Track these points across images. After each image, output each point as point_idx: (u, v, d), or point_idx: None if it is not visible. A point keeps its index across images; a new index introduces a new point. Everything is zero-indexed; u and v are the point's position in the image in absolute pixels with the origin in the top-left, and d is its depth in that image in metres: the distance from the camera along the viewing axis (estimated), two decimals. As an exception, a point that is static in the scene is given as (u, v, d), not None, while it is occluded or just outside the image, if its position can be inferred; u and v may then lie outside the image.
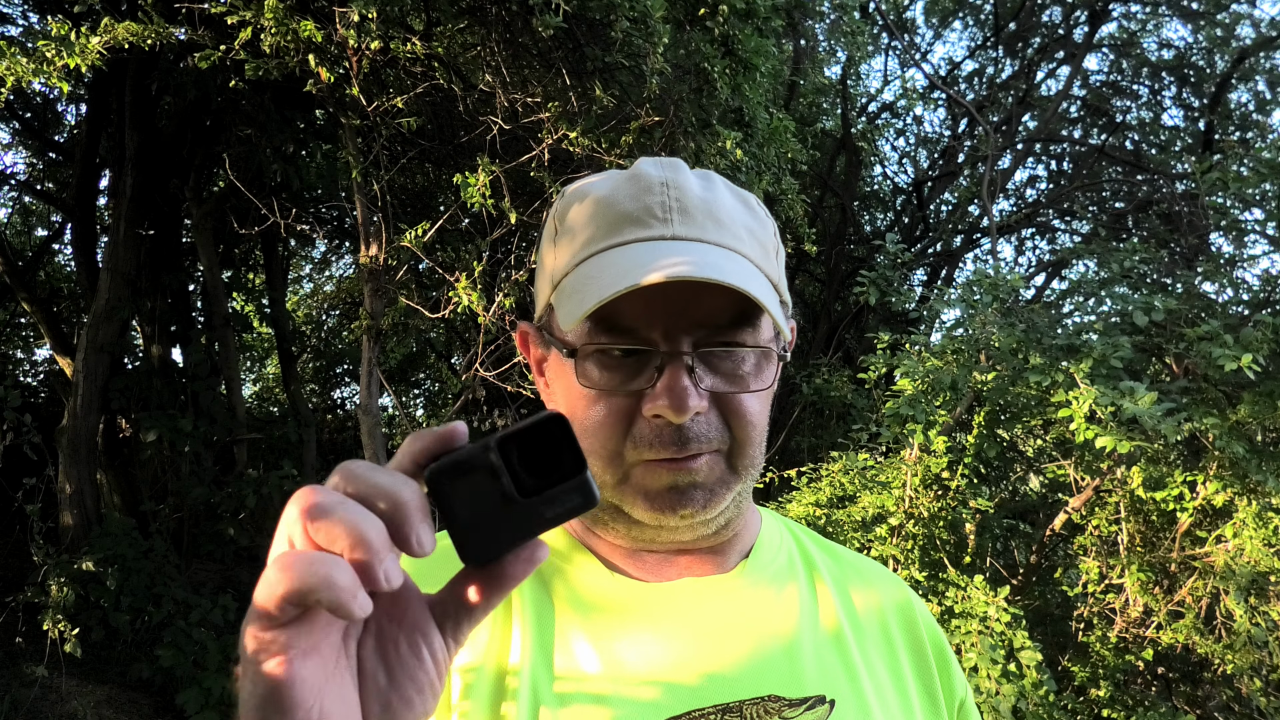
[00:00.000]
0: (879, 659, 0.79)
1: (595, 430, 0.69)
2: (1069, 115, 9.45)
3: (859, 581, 0.85)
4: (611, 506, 0.73)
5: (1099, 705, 3.68)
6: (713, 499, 0.70)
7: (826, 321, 8.78)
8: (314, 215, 6.37)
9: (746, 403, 0.71)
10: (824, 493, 3.97)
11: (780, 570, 0.80)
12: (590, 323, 0.68)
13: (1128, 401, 3.05)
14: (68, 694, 4.72)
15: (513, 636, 0.69)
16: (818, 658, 0.75)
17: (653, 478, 0.69)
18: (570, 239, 0.73)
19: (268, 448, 7.70)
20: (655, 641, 0.71)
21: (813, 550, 0.86)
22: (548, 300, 0.74)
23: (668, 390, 0.66)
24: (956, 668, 0.84)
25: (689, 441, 0.68)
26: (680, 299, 0.67)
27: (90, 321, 5.81)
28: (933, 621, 0.86)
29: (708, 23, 3.93)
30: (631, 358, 0.68)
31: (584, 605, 0.72)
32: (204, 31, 3.58)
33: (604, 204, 0.73)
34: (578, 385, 0.70)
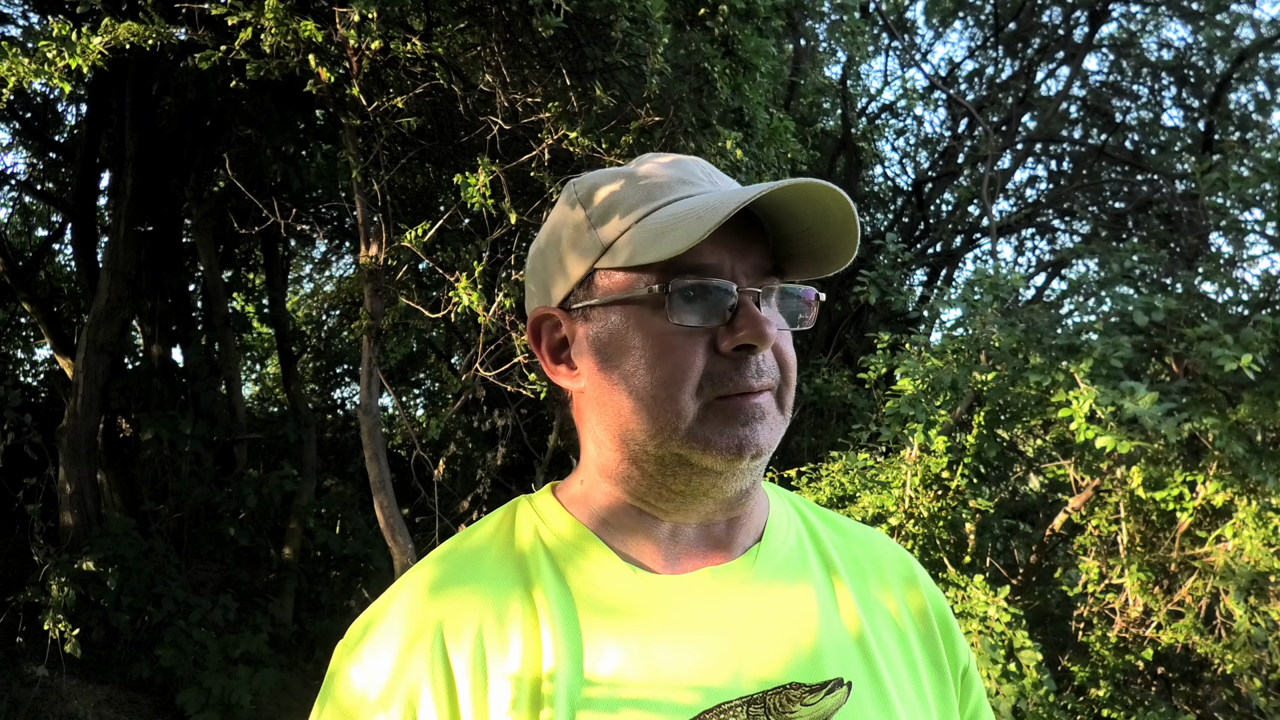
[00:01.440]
0: (889, 634, 0.81)
1: (672, 374, 0.71)
2: (1069, 115, 9.45)
3: (865, 555, 0.86)
4: (675, 460, 0.73)
5: (1099, 705, 3.68)
6: (772, 437, 0.73)
7: (826, 321, 8.77)
8: (314, 215, 6.37)
9: (788, 344, 0.76)
10: (824, 493, 3.97)
11: (791, 552, 0.82)
12: (660, 271, 0.71)
13: (1128, 401, 3.05)
14: (68, 694, 4.72)
15: (543, 641, 0.70)
16: (833, 641, 0.76)
17: (723, 415, 0.71)
18: (620, 206, 0.75)
19: (268, 448, 7.70)
20: (679, 638, 0.72)
21: (818, 526, 0.87)
22: (588, 268, 0.75)
23: (751, 320, 0.70)
24: (959, 635, 0.86)
25: (763, 374, 0.72)
26: (738, 244, 0.73)
27: (90, 321, 5.81)
28: (935, 589, 0.88)
29: (708, 23, 3.94)
30: (703, 300, 0.71)
31: (605, 604, 0.73)
32: (204, 32, 3.58)
33: (642, 175, 0.77)
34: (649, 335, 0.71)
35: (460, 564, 0.76)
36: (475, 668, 0.69)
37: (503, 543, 0.78)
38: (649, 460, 0.74)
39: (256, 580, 6.71)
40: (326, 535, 6.56)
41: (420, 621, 0.71)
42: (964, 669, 0.85)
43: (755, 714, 0.70)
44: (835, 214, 0.72)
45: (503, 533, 0.79)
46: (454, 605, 0.72)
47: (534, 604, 0.72)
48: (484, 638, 0.70)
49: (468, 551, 0.77)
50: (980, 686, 0.88)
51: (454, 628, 0.70)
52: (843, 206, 0.71)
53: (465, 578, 0.74)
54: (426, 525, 5.57)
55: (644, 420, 0.72)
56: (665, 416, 0.71)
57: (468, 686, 0.68)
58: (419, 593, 0.74)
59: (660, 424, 0.71)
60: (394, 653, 0.70)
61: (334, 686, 0.72)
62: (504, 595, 0.73)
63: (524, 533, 0.78)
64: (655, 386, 0.71)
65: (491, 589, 0.73)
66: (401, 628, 0.71)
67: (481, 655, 0.69)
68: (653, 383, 0.71)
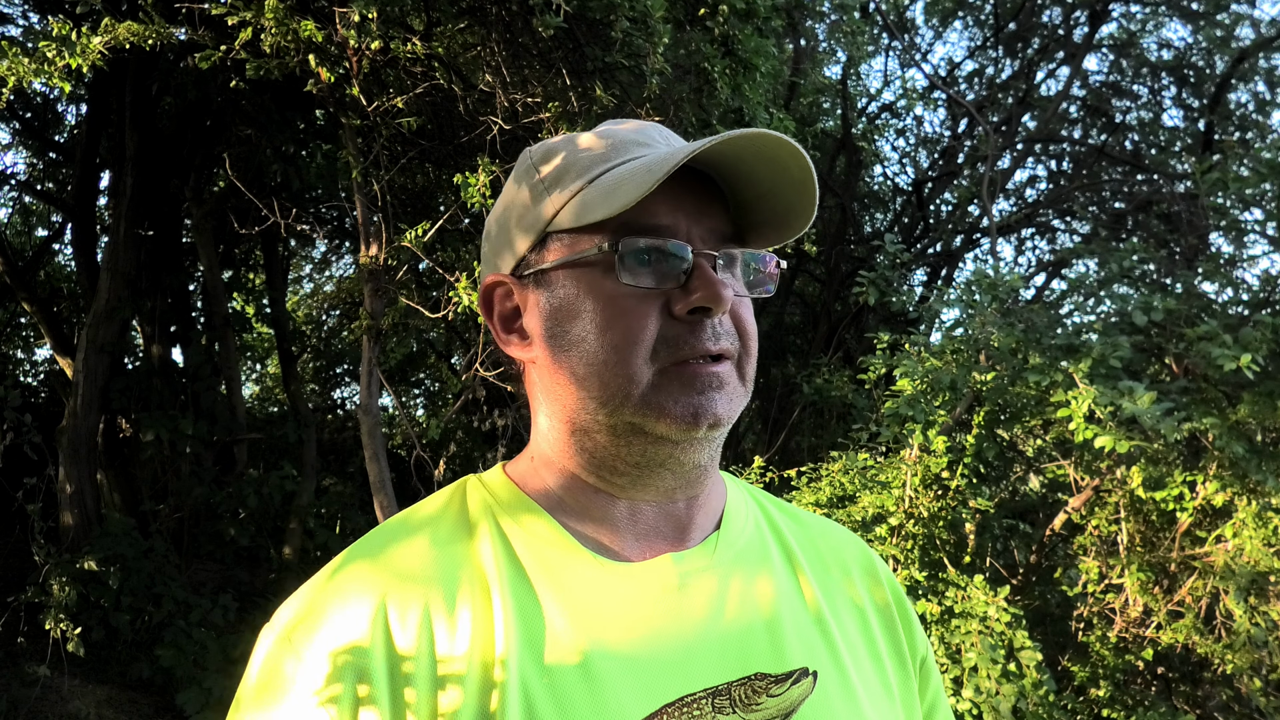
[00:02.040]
0: (852, 623, 0.80)
1: (624, 338, 0.69)
2: (1069, 115, 9.45)
3: (825, 545, 0.85)
4: (628, 429, 0.71)
5: (1099, 705, 3.68)
6: (731, 406, 0.71)
7: (826, 321, 8.78)
8: (314, 215, 6.37)
9: (748, 312, 0.74)
10: (824, 493, 3.97)
11: (751, 541, 0.80)
12: (613, 231, 0.69)
13: (1127, 401, 3.05)
14: (69, 694, 4.72)
15: (495, 624, 0.66)
16: (798, 630, 0.75)
17: (678, 381, 0.69)
18: (573, 168, 0.73)
19: (268, 448, 7.70)
20: (640, 629, 0.69)
21: (777, 516, 0.86)
22: (541, 231, 0.73)
23: (706, 282, 0.68)
24: (918, 626, 0.85)
25: (720, 338, 0.70)
26: (694, 208, 0.71)
27: (90, 321, 5.81)
28: (895, 580, 0.87)
29: (708, 23, 3.94)
30: (657, 263, 0.69)
31: (566, 591, 0.69)
32: (204, 32, 3.58)
33: (598, 138, 0.75)
34: (601, 300, 0.69)
35: (405, 541, 0.71)
36: (421, 654, 0.64)
37: (452, 520, 0.73)
38: (602, 430, 0.71)
39: (256, 580, 6.71)
40: (326, 535, 6.57)
41: (361, 599, 0.66)
42: (922, 659, 0.85)
43: (720, 705, 0.68)
44: (794, 173, 0.71)
45: (452, 510, 0.75)
46: (400, 587, 0.67)
47: (486, 585, 0.68)
48: (431, 618, 0.66)
49: (413, 528, 0.72)
50: (938, 677, 0.87)
51: (400, 611, 0.65)
52: (801, 164, 0.70)
53: (410, 555, 0.69)
54: (426, 525, 5.56)
55: (596, 387, 0.70)
56: (618, 382, 0.69)
57: (412, 674, 0.63)
58: (360, 573, 0.68)
59: (613, 390, 0.69)
60: (334, 637, 0.64)
61: (262, 674, 0.65)
62: (453, 574, 0.68)
63: (476, 511, 0.74)
64: (607, 351, 0.69)
65: (439, 567, 0.69)
66: (340, 609, 0.66)
67: (429, 642, 0.65)
68: (604, 347, 0.69)
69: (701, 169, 0.73)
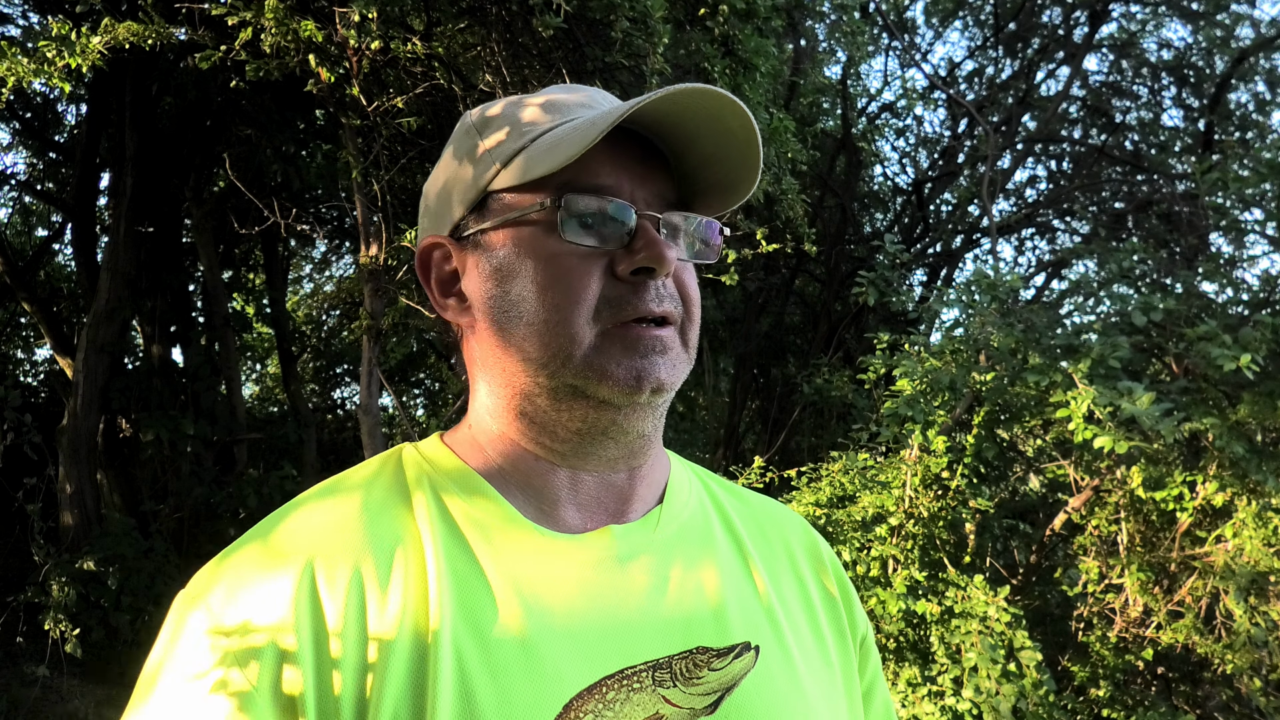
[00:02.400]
0: (795, 600, 0.80)
1: (566, 298, 0.67)
2: (1069, 115, 9.44)
3: (769, 524, 0.85)
4: (569, 391, 0.69)
5: (1099, 705, 3.68)
6: (674, 372, 0.70)
7: (826, 321, 8.77)
8: (314, 215, 6.37)
9: (691, 278, 0.73)
10: (824, 493, 3.97)
11: (694, 516, 0.79)
12: (555, 190, 0.68)
13: (1126, 401, 3.05)
14: (68, 694, 4.72)
15: (430, 600, 0.63)
16: (741, 605, 0.74)
17: (621, 343, 0.68)
18: (516, 126, 0.72)
19: (268, 448, 7.70)
20: (581, 601, 0.68)
21: (720, 493, 0.85)
22: (482, 190, 0.72)
23: (650, 243, 0.68)
24: (859, 606, 0.86)
25: (664, 299, 0.69)
26: (639, 170, 0.71)
27: (90, 321, 5.81)
28: (837, 560, 0.88)
29: (708, 23, 3.94)
30: (600, 224, 0.68)
31: (505, 561, 0.67)
32: (204, 32, 3.58)
33: (540, 100, 0.74)
34: (542, 260, 0.68)
35: (337, 507, 0.68)
36: (350, 620, 0.61)
37: (386, 487, 0.71)
38: (542, 394, 0.70)
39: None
40: (326, 535, 6.56)
41: (286, 562, 0.63)
42: (863, 637, 0.85)
43: (661, 679, 0.67)
44: (738, 134, 0.70)
45: (386, 474, 0.73)
46: (328, 544, 0.64)
47: (422, 554, 0.65)
48: (363, 580, 0.63)
49: (345, 494, 0.70)
50: (877, 656, 0.88)
51: (329, 574, 0.62)
52: (745, 124, 0.69)
53: (344, 522, 0.66)
54: (426, 525, 5.56)
55: (536, 348, 0.68)
56: (559, 343, 0.67)
57: (339, 640, 0.60)
58: (286, 535, 0.65)
59: (553, 351, 0.68)
60: (255, 602, 0.61)
61: (176, 641, 0.62)
62: (388, 537, 0.66)
63: (412, 479, 0.72)
64: (548, 311, 0.67)
65: (374, 537, 0.65)
66: (263, 573, 0.62)
67: (360, 607, 0.62)
68: (545, 307, 0.68)
69: (646, 134, 0.72)
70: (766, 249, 3.99)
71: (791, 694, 0.72)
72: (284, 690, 0.59)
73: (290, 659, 0.59)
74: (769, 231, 4.22)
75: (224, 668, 0.59)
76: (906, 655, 3.39)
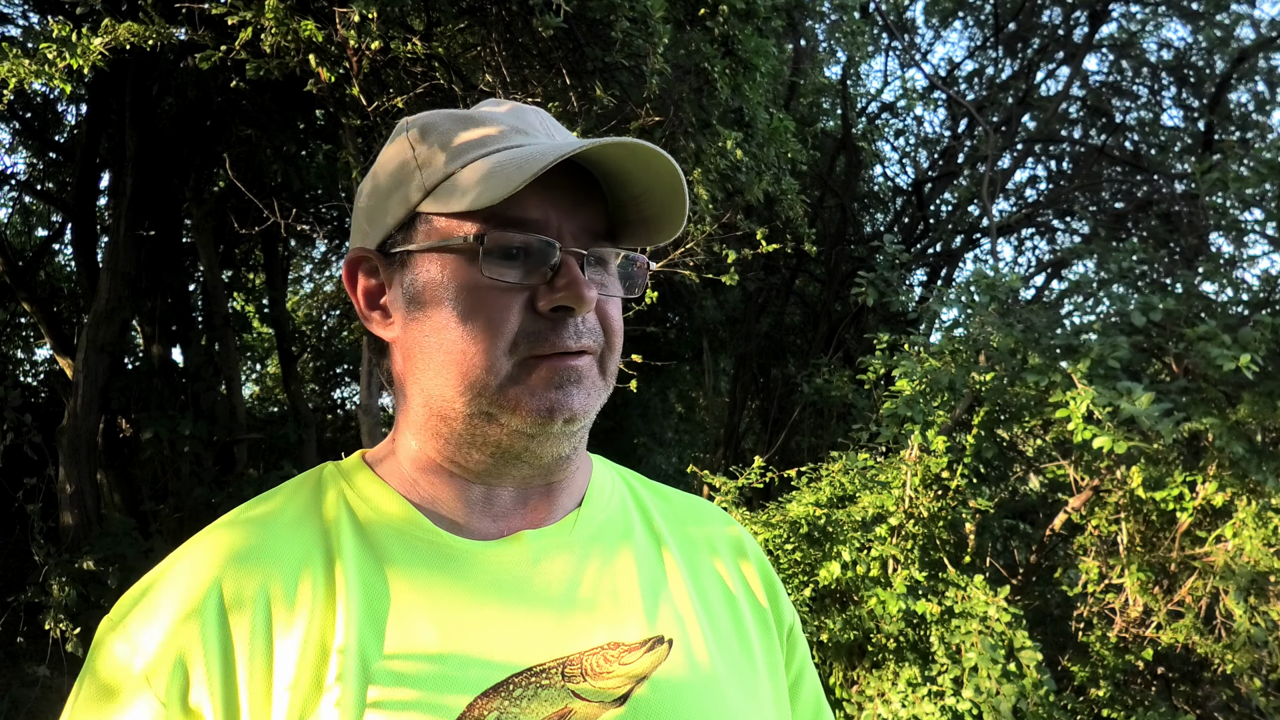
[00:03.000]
0: (716, 595, 0.81)
1: (483, 330, 0.68)
2: (1069, 115, 9.45)
3: (692, 521, 0.87)
4: (483, 419, 0.70)
5: (1099, 705, 3.68)
6: (589, 403, 0.71)
7: (826, 321, 8.77)
8: (314, 215, 6.37)
9: (615, 310, 0.74)
10: (824, 493, 3.97)
11: (614, 515, 0.81)
12: (482, 220, 0.69)
13: (1125, 402, 3.05)
14: (68, 693, 4.72)
15: (337, 614, 0.65)
16: (655, 601, 0.76)
17: (538, 375, 0.69)
18: (449, 148, 0.72)
19: (268, 448, 7.70)
20: (493, 605, 0.69)
21: (644, 494, 0.87)
22: (411, 209, 0.72)
23: (572, 282, 0.68)
24: (785, 597, 0.88)
25: (582, 335, 0.70)
26: (568, 203, 0.71)
27: (90, 321, 5.81)
28: (762, 555, 0.89)
29: (708, 23, 3.94)
30: (524, 257, 0.69)
31: (416, 574, 0.69)
32: (204, 32, 3.58)
33: (476, 119, 0.74)
34: (463, 290, 0.69)
35: (249, 528, 0.70)
36: (256, 637, 0.63)
37: (301, 506, 0.73)
38: (458, 418, 0.71)
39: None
40: (326, 535, 6.56)
41: (196, 587, 0.65)
42: (789, 628, 0.87)
43: (571, 674, 0.68)
44: (666, 179, 0.70)
45: (301, 496, 0.74)
46: (238, 570, 0.66)
47: (332, 574, 0.67)
48: (270, 605, 0.65)
49: (259, 515, 0.72)
50: (804, 647, 0.89)
51: (235, 593, 0.65)
52: (671, 171, 0.69)
53: (253, 542, 0.68)
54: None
55: (454, 376, 0.69)
56: (475, 373, 0.68)
57: (246, 656, 0.63)
58: (198, 557, 0.67)
59: (470, 380, 0.69)
60: (165, 621, 0.64)
61: (95, 662, 0.65)
62: (297, 562, 0.67)
63: (328, 498, 0.74)
64: (466, 341, 0.68)
65: (283, 554, 0.68)
66: (174, 594, 0.65)
67: (266, 624, 0.64)
68: (464, 337, 0.68)
69: (581, 164, 0.72)
70: (766, 249, 3.99)
71: (705, 686, 0.73)
72: (191, 707, 0.62)
73: (198, 677, 0.62)
74: (769, 231, 4.22)
75: (138, 687, 0.62)
76: (906, 655, 3.39)
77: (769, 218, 5.05)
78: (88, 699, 0.64)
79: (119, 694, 0.63)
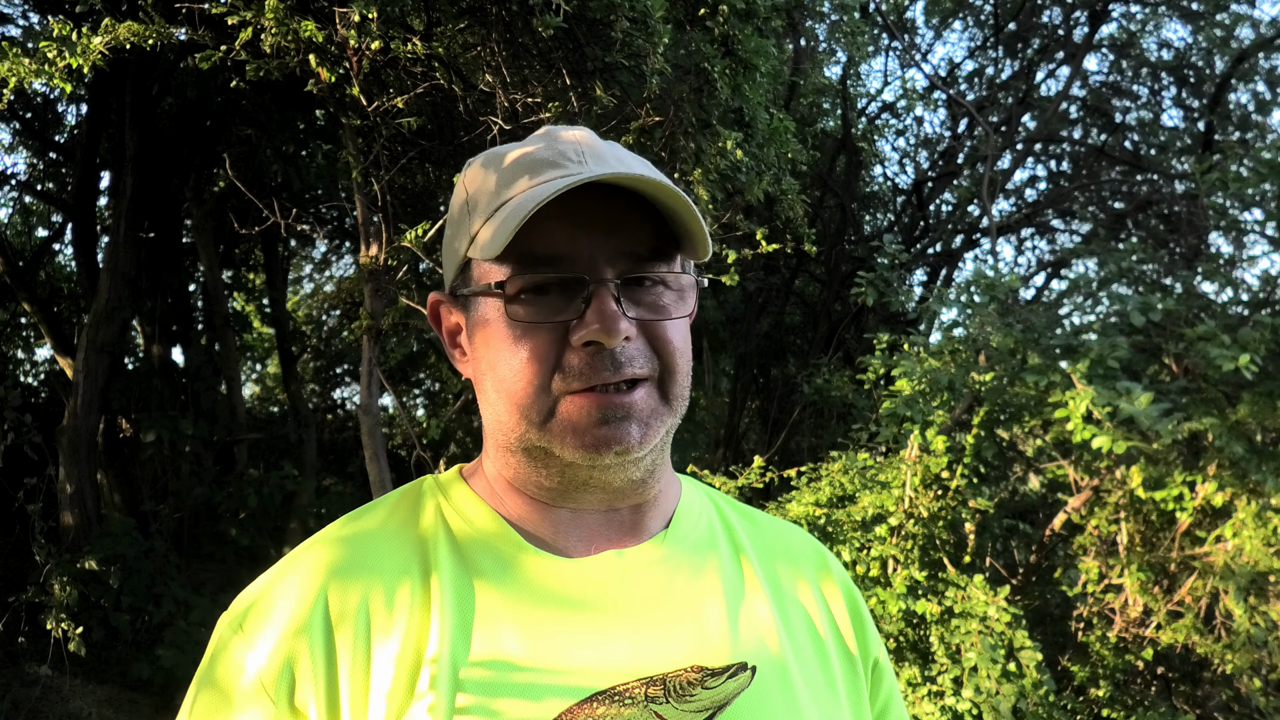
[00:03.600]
0: (799, 623, 0.80)
1: (523, 367, 0.70)
2: (1069, 115, 9.44)
3: (778, 546, 0.86)
4: (539, 452, 0.72)
5: (1099, 705, 3.69)
6: (648, 433, 0.70)
7: (826, 321, 8.77)
8: (314, 215, 6.38)
9: (672, 330, 0.72)
10: (824, 493, 3.97)
11: (701, 538, 0.81)
12: (513, 263, 0.70)
13: (1124, 402, 3.05)
14: (69, 694, 4.72)
15: (431, 623, 0.68)
16: (739, 626, 0.75)
17: (580, 411, 0.69)
18: (488, 193, 0.74)
19: (268, 448, 7.70)
20: (578, 620, 0.71)
21: (732, 517, 0.86)
22: (464, 256, 0.75)
23: (599, 315, 0.68)
24: (872, 628, 0.87)
25: (622, 366, 0.69)
26: (602, 229, 0.70)
27: (90, 321, 5.81)
28: (850, 583, 0.88)
29: (708, 23, 3.94)
30: (557, 292, 0.70)
31: (505, 586, 0.71)
32: (204, 32, 3.58)
33: (519, 157, 0.76)
34: (504, 327, 0.71)
35: (353, 541, 0.74)
36: (357, 646, 0.68)
37: (401, 519, 0.76)
38: (520, 451, 0.74)
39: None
40: (327, 535, 6.56)
41: (305, 599, 0.70)
42: (875, 661, 0.85)
43: (654, 695, 0.69)
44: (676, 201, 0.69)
45: (401, 510, 0.77)
46: (341, 582, 0.70)
47: (428, 587, 0.70)
48: (370, 616, 0.69)
49: (362, 528, 0.76)
50: (892, 681, 0.88)
51: (340, 606, 0.69)
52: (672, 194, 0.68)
53: (356, 555, 0.72)
54: (426, 525, 5.56)
55: (508, 412, 0.72)
56: (523, 409, 0.70)
57: (348, 664, 0.67)
58: (307, 568, 0.72)
59: (519, 416, 0.71)
60: (277, 631, 0.68)
61: (216, 664, 0.70)
62: (396, 575, 0.71)
63: (426, 511, 0.77)
64: (511, 380, 0.70)
65: (384, 568, 0.71)
66: (285, 605, 0.70)
67: (365, 634, 0.68)
68: (510, 376, 0.70)
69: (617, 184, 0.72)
70: (766, 249, 3.99)
71: (786, 715, 0.73)
72: (297, 707, 0.67)
73: (305, 684, 0.67)
74: (769, 231, 4.22)
75: (252, 682, 0.67)
76: (906, 655, 3.39)
77: (769, 218, 5.05)
78: (207, 698, 0.69)
79: (235, 695, 0.68)
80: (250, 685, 0.67)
